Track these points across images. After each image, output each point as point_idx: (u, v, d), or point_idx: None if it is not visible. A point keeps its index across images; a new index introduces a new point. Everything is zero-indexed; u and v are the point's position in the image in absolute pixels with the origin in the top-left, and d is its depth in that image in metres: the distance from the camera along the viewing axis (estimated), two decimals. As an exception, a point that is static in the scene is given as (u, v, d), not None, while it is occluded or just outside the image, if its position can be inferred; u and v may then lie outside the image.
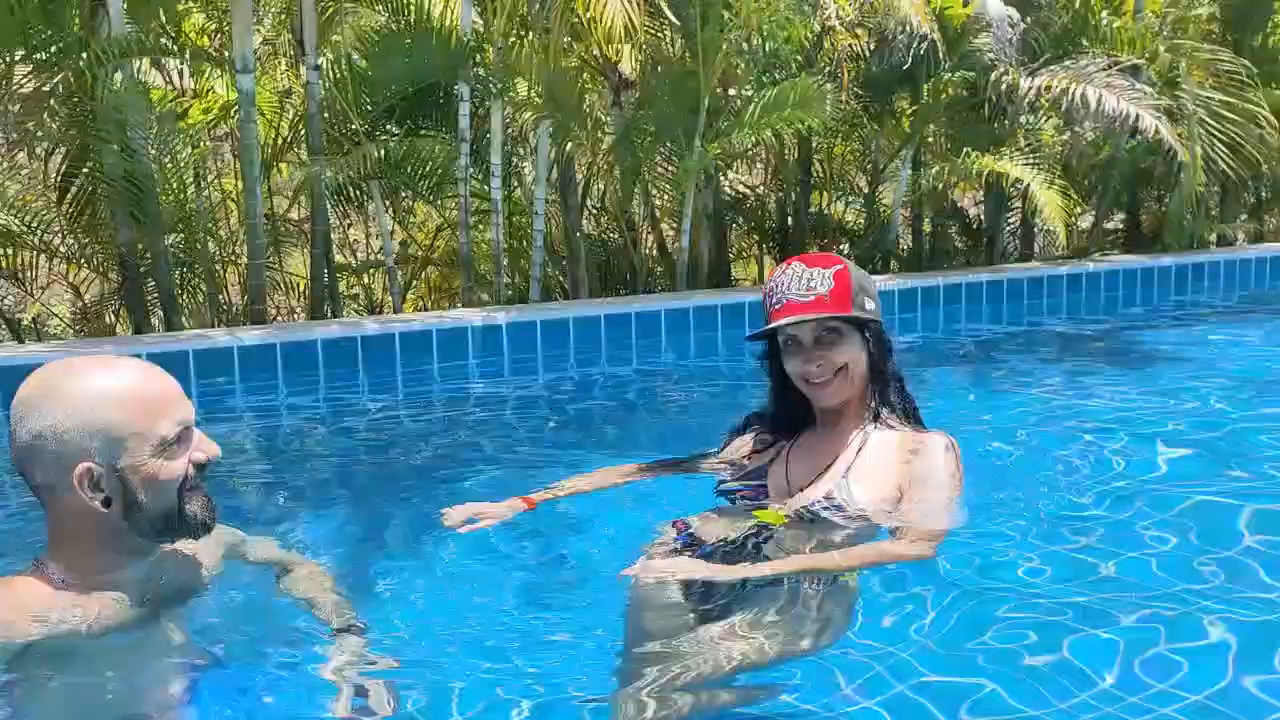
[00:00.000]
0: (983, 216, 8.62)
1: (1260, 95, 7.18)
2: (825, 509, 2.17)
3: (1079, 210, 8.53)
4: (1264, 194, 9.90)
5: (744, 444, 2.48)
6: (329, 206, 6.45)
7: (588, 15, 5.07)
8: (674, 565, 2.04)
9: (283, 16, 6.79)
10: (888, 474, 2.19)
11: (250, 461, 3.97)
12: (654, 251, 7.71)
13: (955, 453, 2.23)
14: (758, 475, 2.35)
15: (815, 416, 2.32)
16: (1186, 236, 7.94)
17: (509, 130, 6.62)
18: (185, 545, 1.83)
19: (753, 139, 6.30)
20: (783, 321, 2.18)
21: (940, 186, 7.57)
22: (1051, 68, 6.65)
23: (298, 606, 1.99)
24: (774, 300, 2.21)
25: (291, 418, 4.64)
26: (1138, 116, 6.25)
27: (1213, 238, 8.77)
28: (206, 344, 5.00)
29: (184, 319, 5.98)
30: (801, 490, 2.24)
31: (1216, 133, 6.87)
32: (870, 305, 2.21)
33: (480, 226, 7.13)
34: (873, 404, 2.27)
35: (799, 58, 6.48)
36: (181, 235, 5.94)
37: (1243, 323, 6.63)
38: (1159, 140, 6.46)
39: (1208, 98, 6.91)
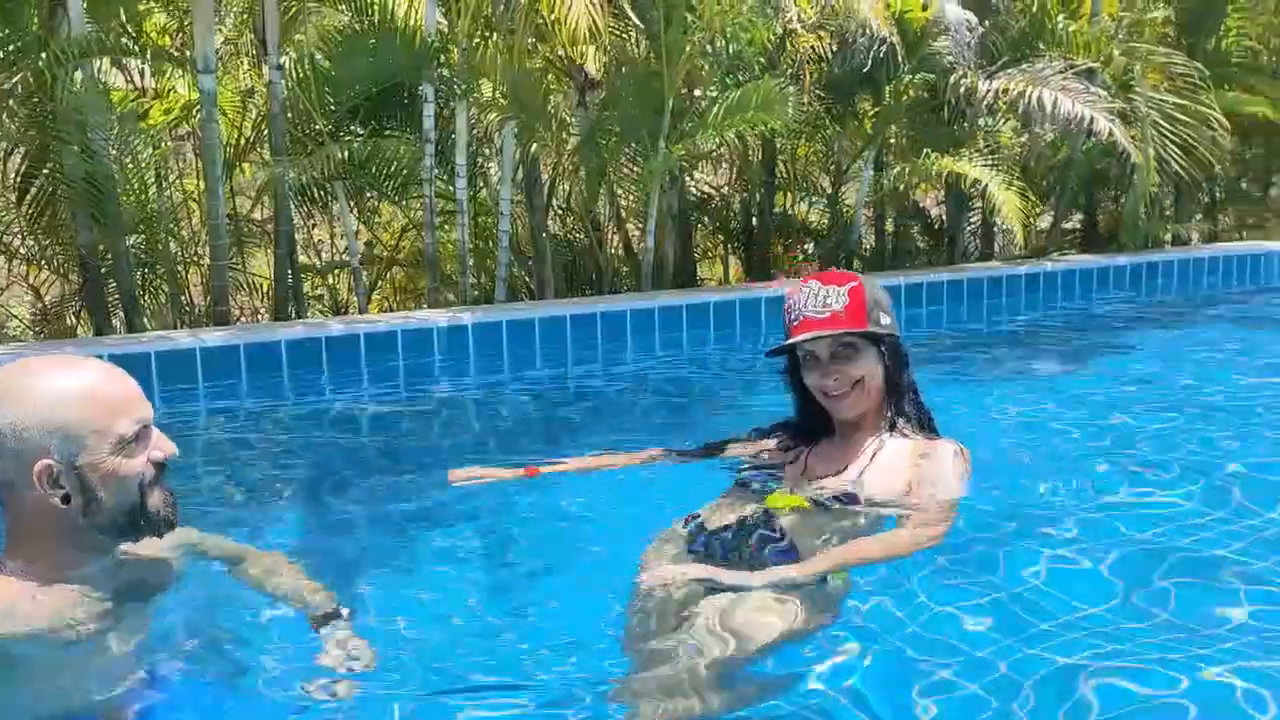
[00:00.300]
0: (944, 216, 8.74)
1: (1212, 98, 7.33)
2: (836, 501, 2.29)
3: (1038, 211, 8.67)
4: (1218, 194, 10.13)
5: (767, 444, 2.64)
6: (293, 207, 6.43)
7: (552, 17, 5.09)
8: (723, 575, 2.06)
9: (245, 16, 6.75)
10: (899, 475, 2.31)
11: (214, 464, 3.96)
12: (619, 251, 7.75)
13: (964, 458, 2.36)
14: (773, 467, 2.52)
15: (835, 426, 2.45)
16: (1141, 236, 8.10)
17: (474, 131, 6.63)
18: (145, 545, 1.85)
19: (716, 140, 6.35)
20: (799, 338, 2.31)
21: (902, 187, 7.68)
22: (1009, 71, 6.77)
23: (274, 597, 2.01)
24: (792, 317, 2.34)
25: (255, 419, 4.62)
26: (1092, 119, 6.38)
27: (1168, 237, 8.95)
28: (169, 345, 4.97)
29: (146, 320, 5.94)
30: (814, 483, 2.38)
31: (1169, 135, 7.01)
32: (885, 320, 2.33)
33: (446, 227, 7.14)
34: (889, 414, 2.39)
35: (762, 60, 6.55)
36: (143, 236, 5.91)
37: (1194, 321, 6.78)
38: (1113, 142, 6.59)
39: (1161, 100, 7.05)
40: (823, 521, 2.27)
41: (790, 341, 2.34)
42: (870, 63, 6.51)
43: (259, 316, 7.02)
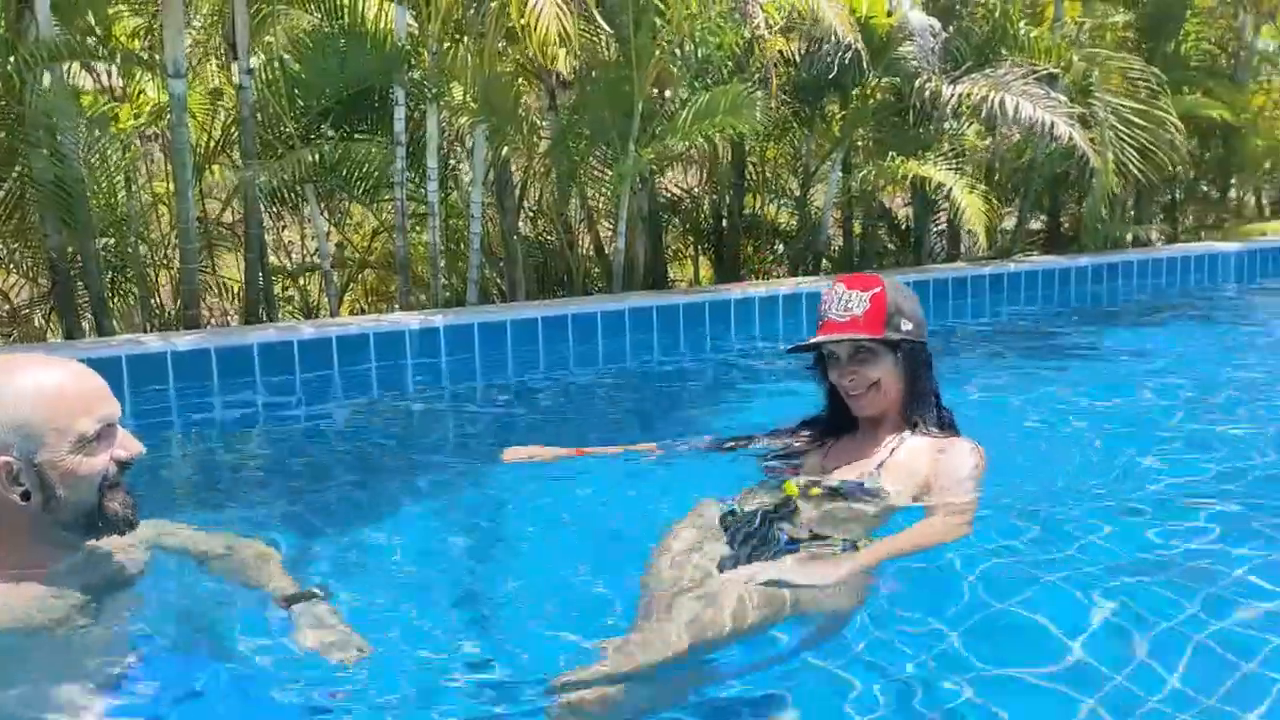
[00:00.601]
0: (911, 218, 8.87)
1: (1169, 102, 7.50)
2: (850, 489, 2.40)
3: (1002, 213, 8.83)
4: (1177, 196, 10.34)
5: (795, 437, 2.77)
6: (263, 209, 6.44)
7: (522, 21, 5.14)
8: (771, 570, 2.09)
9: (214, 18, 6.75)
10: (917, 469, 2.42)
11: (185, 468, 3.99)
12: (591, 253, 7.81)
13: (980, 456, 2.46)
14: (796, 457, 2.65)
15: (859, 422, 2.57)
16: (1102, 238, 8.27)
17: (445, 134, 6.67)
18: (114, 540, 1.89)
19: (685, 144, 6.43)
20: (818, 339, 2.46)
21: (869, 189, 7.79)
22: (972, 75, 6.89)
23: (245, 585, 2.05)
24: (818, 317, 2.48)
25: (227, 423, 4.65)
26: (1053, 124, 6.51)
27: (1129, 238, 9.12)
28: (139, 349, 4.98)
29: (115, 323, 5.93)
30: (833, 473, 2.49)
31: (1127, 139, 7.17)
32: (906, 326, 2.43)
33: (417, 229, 7.17)
34: (910, 415, 2.50)
35: (730, 64, 6.64)
36: (113, 239, 5.90)
37: (1152, 321, 6.94)
38: (1073, 146, 6.73)
39: (1119, 105, 7.20)
40: (836, 508, 2.37)
41: (811, 341, 2.48)
42: (836, 69, 6.61)
43: (229, 319, 7.02)
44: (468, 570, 2.71)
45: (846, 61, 6.48)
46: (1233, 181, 10.83)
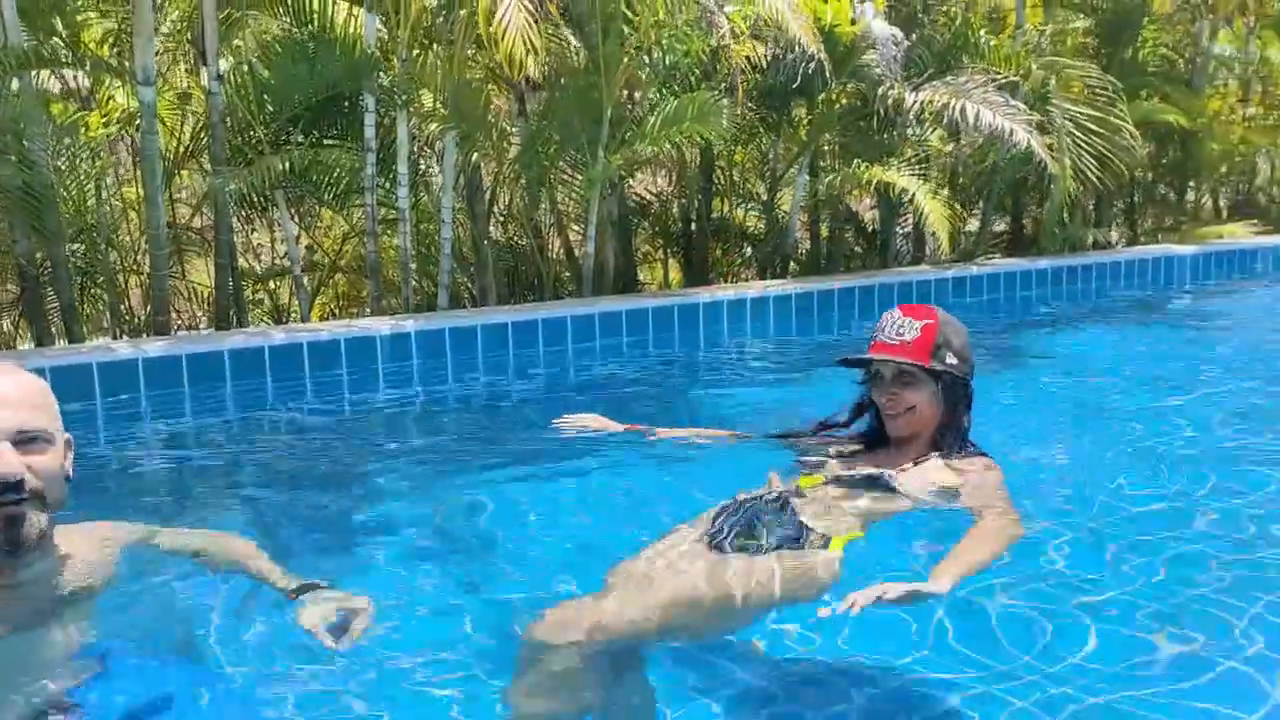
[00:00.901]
0: (877, 221, 9.01)
1: (1124, 108, 7.67)
2: (863, 480, 2.50)
3: (964, 216, 8.99)
4: (1136, 199, 10.55)
5: (832, 438, 2.89)
6: (232, 213, 6.45)
7: (490, 30, 5.20)
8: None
9: (182, 24, 6.74)
10: (932, 480, 2.52)
11: (156, 474, 4.03)
12: (561, 256, 7.88)
13: (997, 469, 2.57)
14: (824, 457, 2.76)
15: (892, 441, 2.68)
16: (1061, 242, 8.45)
17: (415, 140, 6.71)
18: (72, 548, 1.91)
19: (653, 150, 6.51)
20: (867, 357, 2.59)
21: (835, 193, 7.92)
22: (934, 83, 7.03)
23: (251, 577, 2.10)
24: (872, 336, 2.62)
25: (198, 430, 4.68)
26: (1012, 130, 6.66)
27: (1089, 241, 9.30)
28: (110, 356, 5.00)
29: (85, 329, 5.94)
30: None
31: (1084, 145, 7.34)
32: (951, 360, 2.56)
33: (388, 234, 7.20)
34: (939, 442, 2.61)
35: (698, 71, 6.73)
36: (82, 244, 5.90)
37: (1108, 322, 7.12)
38: (1031, 152, 6.89)
39: (1077, 112, 7.37)
40: (839, 497, 2.47)
41: (859, 356, 2.62)
42: (799, 79, 6.72)
43: (198, 323, 7.03)
44: (440, 572, 2.78)
45: (810, 71, 6.59)
46: (1190, 184, 11.06)
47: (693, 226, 8.43)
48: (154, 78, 5.49)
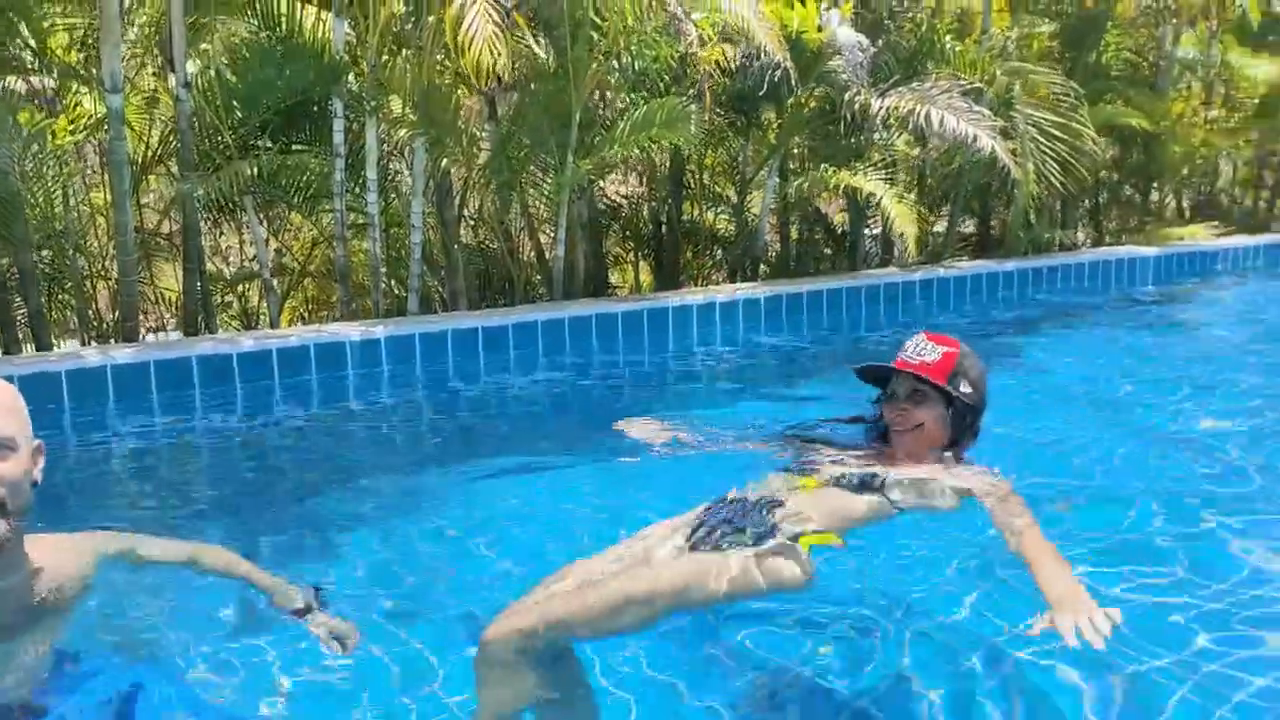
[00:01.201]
0: (847, 223, 9.10)
1: (1085, 113, 7.80)
2: (860, 483, 2.54)
3: (931, 219, 9.11)
4: (1102, 200, 10.71)
5: (844, 452, 2.89)
6: (201, 218, 6.45)
7: (458, 39, 5.23)
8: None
9: (150, 29, 6.72)
10: (934, 474, 2.58)
11: (125, 481, 4.04)
12: (533, 259, 7.91)
13: (1005, 480, 2.59)
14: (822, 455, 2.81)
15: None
16: (1025, 245, 8.58)
17: (384, 145, 6.72)
18: (45, 559, 1.91)
19: (622, 155, 6.56)
20: (887, 365, 2.70)
21: (805, 196, 8.00)
22: (900, 89, 7.12)
23: (249, 584, 2.16)
24: (896, 353, 2.72)
25: (166, 436, 4.69)
26: (976, 136, 6.76)
27: (1055, 242, 9.44)
28: (78, 364, 5.00)
29: (53, 336, 5.92)
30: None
31: (1047, 150, 7.46)
32: (965, 389, 2.66)
33: (358, 238, 7.21)
34: (939, 458, 2.67)
35: (667, 77, 6.79)
36: (50, 251, 5.89)
37: (1072, 324, 7.24)
38: (995, 157, 6.99)
39: (1040, 118, 7.48)
40: (832, 496, 2.52)
41: (879, 365, 2.73)
42: (765, 86, 6.80)
43: (166, 327, 7.02)
44: (407, 575, 2.83)
45: (776, 79, 6.67)
46: (1154, 186, 11.23)
47: (663, 229, 8.48)
48: (121, 85, 5.48)
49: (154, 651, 2.14)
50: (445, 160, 6.63)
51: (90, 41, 6.23)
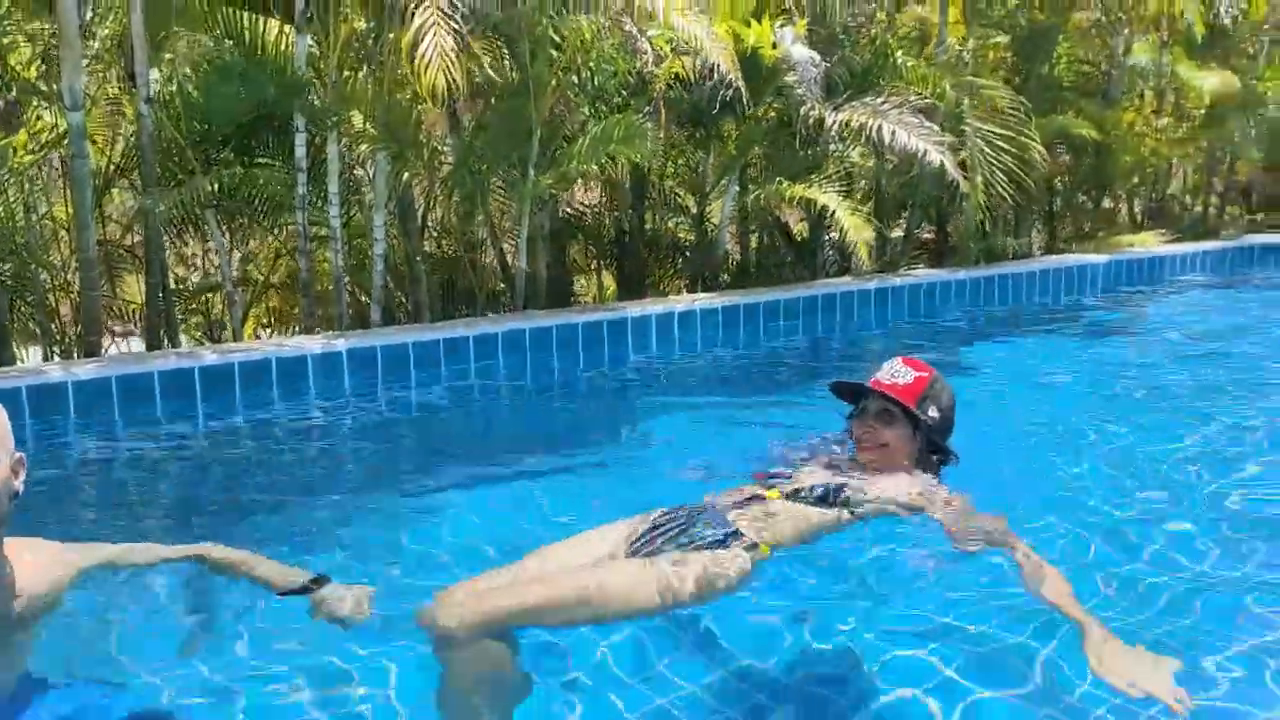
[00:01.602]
0: (806, 231, 9.27)
1: (1033, 126, 8.03)
2: (822, 496, 2.67)
3: (891, 224, 9.31)
4: (1055, 207, 10.96)
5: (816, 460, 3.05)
6: (163, 230, 6.50)
7: (413, 65, 5.31)
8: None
9: (111, 41, 6.76)
10: (900, 484, 2.71)
11: (88, 497, 4.11)
12: (497, 267, 8.01)
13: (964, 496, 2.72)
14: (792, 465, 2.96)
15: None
16: (977, 254, 8.79)
17: (346, 159, 6.80)
18: (19, 570, 1.94)
19: (582, 170, 6.68)
20: (861, 384, 2.89)
21: (764, 206, 8.17)
22: (853, 103, 7.30)
23: (250, 580, 2.28)
24: (871, 373, 2.91)
25: (129, 451, 4.75)
26: (925, 151, 6.95)
27: (1009, 250, 9.66)
28: (40, 379, 5.05)
29: (15, 345, 5.95)
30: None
31: (995, 162, 7.67)
32: (933, 413, 2.83)
33: (321, 250, 7.28)
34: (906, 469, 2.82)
35: (624, 92, 6.92)
36: (11, 265, 5.92)
37: (1024, 332, 7.45)
38: (944, 169, 7.19)
39: (988, 131, 7.69)
40: (785, 509, 2.65)
41: (854, 382, 2.92)
42: (719, 104, 6.96)
43: (129, 340, 7.06)
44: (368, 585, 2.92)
45: (729, 99, 6.83)
46: (1106, 193, 11.50)
47: (626, 238, 8.61)
48: (82, 102, 5.53)
49: (121, 668, 2.23)
50: (407, 174, 6.72)
51: (52, 54, 6.26)
